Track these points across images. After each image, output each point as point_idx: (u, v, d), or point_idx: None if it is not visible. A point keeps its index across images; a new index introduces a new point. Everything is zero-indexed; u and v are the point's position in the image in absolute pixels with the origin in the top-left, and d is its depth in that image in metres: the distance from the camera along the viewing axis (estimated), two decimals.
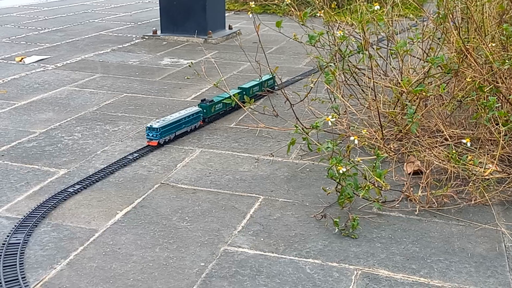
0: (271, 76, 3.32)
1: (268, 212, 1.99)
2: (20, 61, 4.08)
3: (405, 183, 2.10)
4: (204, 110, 2.83)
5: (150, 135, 2.51)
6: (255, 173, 2.31)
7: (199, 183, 2.20)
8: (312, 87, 2.55)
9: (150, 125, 2.52)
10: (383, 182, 1.87)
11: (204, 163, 2.40)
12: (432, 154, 2.12)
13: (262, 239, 1.81)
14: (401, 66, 2.57)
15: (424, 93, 2.20)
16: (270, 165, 2.40)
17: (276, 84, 3.41)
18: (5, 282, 1.53)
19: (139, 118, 2.94)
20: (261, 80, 3.28)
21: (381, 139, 2.32)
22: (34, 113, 2.96)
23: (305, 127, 2.39)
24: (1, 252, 1.66)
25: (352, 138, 1.91)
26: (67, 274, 1.60)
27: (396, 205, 2.03)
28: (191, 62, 3.38)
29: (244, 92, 3.13)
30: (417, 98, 2.46)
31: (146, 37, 5.07)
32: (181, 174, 2.29)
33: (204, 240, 1.80)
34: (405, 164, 2.32)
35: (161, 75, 3.82)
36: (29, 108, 3.04)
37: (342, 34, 2.41)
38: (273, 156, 2.47)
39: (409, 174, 2.23)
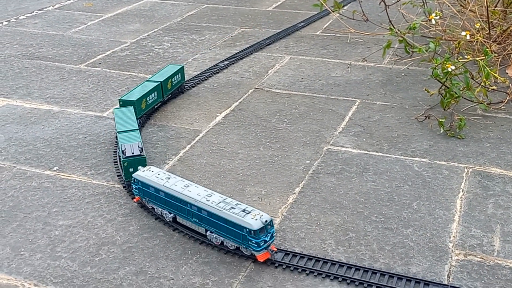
0: (178, 68, 2.08)
1: (367, 114, 1.97)
2: None
3: (510, 85, 2.01)
4: None
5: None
6: (348, 78, 2.27)
7: (293, 88, 2.19)
8: None
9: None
10: (501, 77, 1.79)
11: (295, 69, 2.38)
12: None
13: (364, 140, 1.80)
14: None
15: None
16: (363, 70, 2.34)
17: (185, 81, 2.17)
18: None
19: (223, 27, 2.92)
20: (160, 81, 1.96)
21: (486, 38, 2.19)
22: (122, 24, 3.00)
23: (399, 30, 2.30)
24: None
25: (463, 33, 1.81)
26: (179, 168, 1.67)
27: (502, 107, 1.95)
28: None
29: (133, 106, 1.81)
30: None
31: None
32: (273, 79, 2.28)
33: (306, 140, 1.81)
34: (508, 66, 2.21)
35: None
36: (116, 20, 3.08)
37: None
38: (365, 61, 2.41)
39: None
